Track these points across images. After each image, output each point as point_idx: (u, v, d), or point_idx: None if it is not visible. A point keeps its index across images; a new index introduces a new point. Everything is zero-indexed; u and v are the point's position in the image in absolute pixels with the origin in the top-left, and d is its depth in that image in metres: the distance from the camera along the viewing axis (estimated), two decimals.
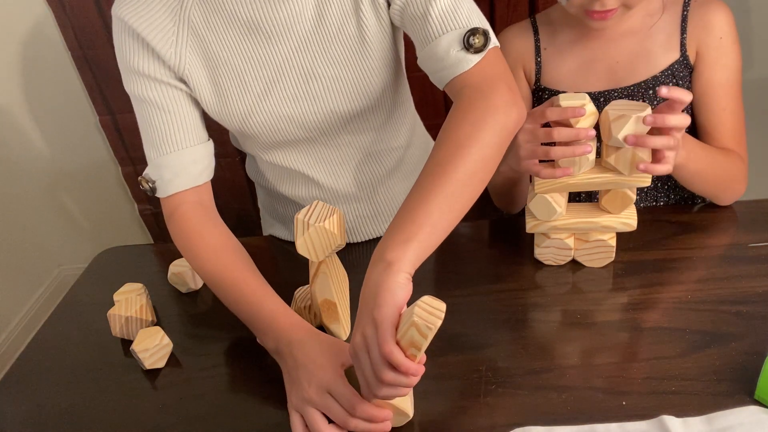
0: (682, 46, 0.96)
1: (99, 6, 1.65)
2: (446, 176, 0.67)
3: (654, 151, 0.78)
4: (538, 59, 1.03)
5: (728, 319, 0.78)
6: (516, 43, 1.04)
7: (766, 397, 0.66)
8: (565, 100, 0.77)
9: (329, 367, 0.69)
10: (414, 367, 0.60)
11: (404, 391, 0.63)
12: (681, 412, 0.66)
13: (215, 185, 0.93)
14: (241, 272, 0.82)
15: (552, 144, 0.80)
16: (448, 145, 0.69)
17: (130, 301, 0.89)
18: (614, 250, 0.88)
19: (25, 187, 2.09)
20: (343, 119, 0.91)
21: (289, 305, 0.86)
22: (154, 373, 0.84)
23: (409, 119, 1.05)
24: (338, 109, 0.89)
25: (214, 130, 1.20)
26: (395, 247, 0.63)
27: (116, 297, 0.93)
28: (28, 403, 0.82)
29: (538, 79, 1.04)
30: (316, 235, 0.72)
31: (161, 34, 0.82)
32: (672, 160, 0.78)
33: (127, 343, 0.89)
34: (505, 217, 1.10)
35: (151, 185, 0.88)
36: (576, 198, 1.05)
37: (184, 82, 0.86)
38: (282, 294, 0.93)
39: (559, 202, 0.85)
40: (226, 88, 0.87)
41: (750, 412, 0.65)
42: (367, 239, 1.07)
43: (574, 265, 0.91)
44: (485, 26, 0.77)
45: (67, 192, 2.13)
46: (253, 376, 0.81)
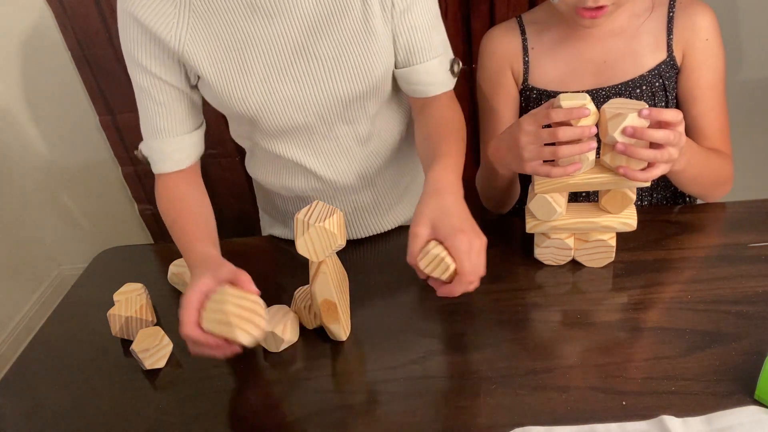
0: (669, 47, 0.97)
1: (99, 6, 1.65)
2: (457, 144, 0.88)
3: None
4: (526, 59, 1.03)
5: (728, 319, 0.78)
6: (503, 43, 1.04)
7: (766, 397, 0.66)
8: (565, 101, 0.77)
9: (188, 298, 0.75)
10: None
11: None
12: (681, 412, 0.66)
13: (215, 185, 0.94)
14: (196, 228, 0.90)
15: (553, 144, 0.80)
16: (451, 132, 0.90)
17: (130, 301, 0.89)
18: (614, 250, 0.88)
19: (25, 187, 2.09)
20: (343, 103, 0.93)
21: (289, 305, 0.86)
22: (154, 373, 0.84)
23: (405, 109, 1.06)
24: (338, 92, 0.91)
25: (214, 131, 1.20)
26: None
27: (116, 297, 0.93)
28: (28, 403, 0.82)
29: (525, 79, 1.04)
30: (316, 235, 0.72)
31: (161, 18, 0.85)
32: (659, 171, 0.78)
33: (127, 343, 0.89)
34: (504, 217, 1.10)
35: (145, 159, 0.98)
36: (576, 198, 1.05)
37: (185, 67, 0.90)
38: (282, 294, 0.93)
39: (559, 202, 0.85)
40: (227, 68, 0.88)
41: (750, 412, 0.65)
42: (367, 235, 1.08)
43: (574, 265, 0.91)
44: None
45: (68, 192, 2.13)
46: (253, 376, 0.81)
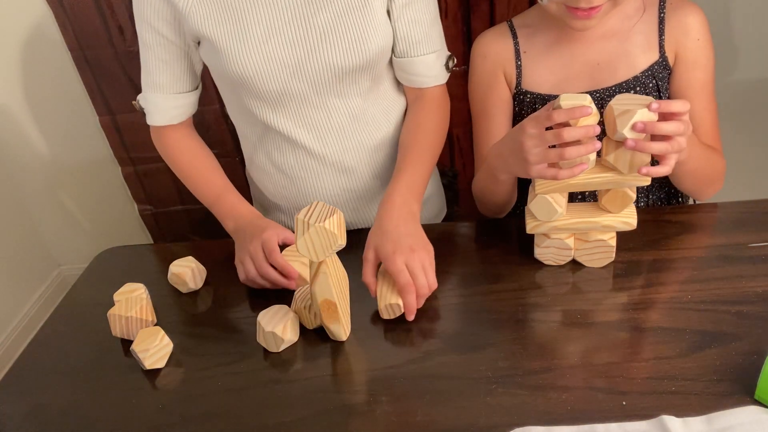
0: (661, 48, 0.97)
1: (99, 6, 1.65)
2: (430, 156, 1.01)
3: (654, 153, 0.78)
4: (518, 63, 1.03)
5: (728, 319, 0.78)
6: (495, 47, 1.04)
7: (766, 397, 0.66)
8: (566, 101, 0.77)
9: (271, 232, 0.93)
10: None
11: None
12: (681, 412, 0.66)
13: None
14: (211, 173, 1.07)
15: (555, 145, 0.80)
16: (429, 133, 1.03)
17: (130, 301, 0.89)
18: (614, 250, 0.88)
19: (25, 187, 2.09)
20: (337, 74, 0.96)
21: (289, 306, 0.86)
22: (154, 373, 0.84)
23: (400, 102, 1.09)
24: (333, 62, 0.95)
25: (214, 131, 1.20)
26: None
27: (116, 297, 0.93)
28: (28, 403, 0.82)
29: (518, 83, 1.03)
30: (316, 235, 0.72)
31: None
32: (673, 162, 0.78)
33: (127, 343, 0.89)
34: (504, 218, 1.10)
35: (141, 110, 1.07)
36: (573, 198, 1.05)
37: (188, 28, 0.95)
38: (282, 294, 0.93)
39: (559, 202, 0.85)
40: (228, 30, 0.93)
41: (750, 412, 0.65)
42: (357, 220, 1.11)
43: (574, 265, 0.91)
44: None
45: (68, 192, 2.13)
46: (253, 376, 0.81)
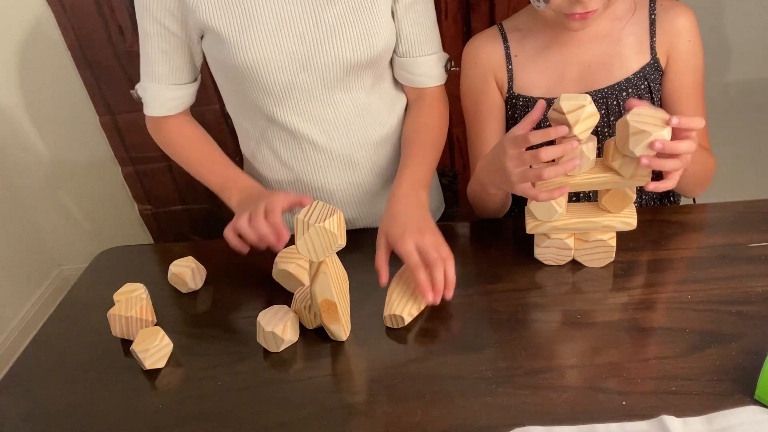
0: (652, 50, 0.97)
1: (99, 6, 1.65)
2: (434, 150, 1.04)
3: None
4: (510, 67, 1.02)
5: (728, 319, 0.78)
6: (485, 52, 1.04)
7: (766, 397, 0.66)
8: (566, 101, 0.77)
9: (279, 195, 0.91)
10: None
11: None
12: (681, 412, 0.66)
13: None
14: (214, 156, 1.07)
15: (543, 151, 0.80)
16: (432, 129, 1.06)
17: (130, 301, 0.89)
18: (614, 250, 0.88)
19: (25, 187, 2.09)
20: (344, 68, 0.98)
21: (289, 305, 0.86)
22: (154, 373, 0.84)
23: (401, 99, 1.11)
24: (341, 56, 0.97)
25: (214, 131, 1.21)
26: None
27: (116, 297, 0.93)
28: (28, 403, 0.82)
29: (510, 87, 1.03)
30: (316, 235, 0.72)
31: None
32: (677, 177, 0.78)
33: (127, 343, 0.88)
34: (504, 218, 1.10)
35: (139, 99, 1.07)
36: (576, 198, 1.05)
37: (192, 20, 0.95)
38: (282, 294, 0.93)
39: (559, 202, 0.85)
40: (237, 21, 0.94)
41: (750, 412, 0.65)
42: (361, 216, 1.11)
43: (574, 265, 0.91)
44: None
45: (68, 192, 2.13)
46: (253, 376, 0.81)
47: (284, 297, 0.92)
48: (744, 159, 1.84)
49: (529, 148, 0.79)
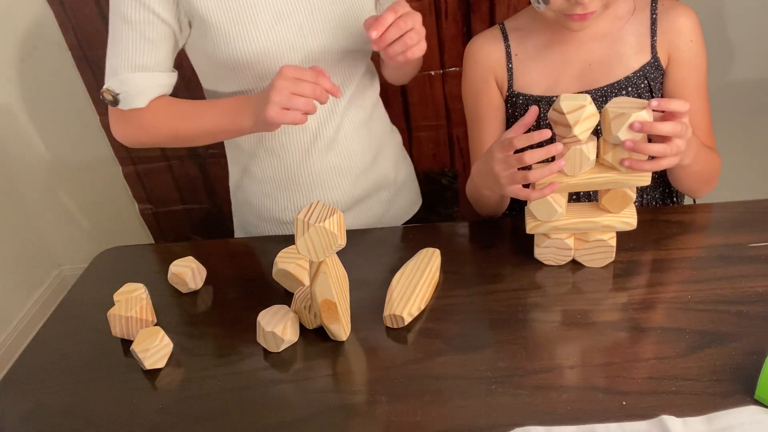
0: (653, 49, 0.97)
1: (99, 6, 1.65)
2: None
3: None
4: (510, 66, 1.03)
5: (728, 319, 0.78)
6: (485, 52, 1.05)
7: (766, 397, 0.66)
8: (566, 101, 0.77)
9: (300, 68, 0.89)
10: None
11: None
12: (681, 412, 0.66)
13: (215, 185, 0.94)
14: (192, 107, 1.00)
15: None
16: None
17: (130, 301, 0.89)
18: (614, 250, 0.88)
19: (26, 187, 2.09)
20: (336, 57, 1.02)
21: (289, 305, 0.86)
22: (154, 373, 0.84)
23: (377, 86, 1.15)
24: (334, 46, 1.00)
25: None
26: None
27: (116, 297, 0.93)
28: (28, 403, 0.82)
29: (510, 86, 1.04)
30: (316, 235, 0.72)
31: None
32: (665, 164, 0.79)
33: (127, 343, 0.89)
34: (504, 217, 1.10)
35: (113, 96, 0.99)
36: (576, 197, 1.05)
37: (182, 9, 0.94)
38: (282, 294, 0.93)
39: (559, 202, 0.85)
40: (235, 12, 0.94)
41: (750, 412, 0.65)
42: (341, 198, 1.12)
43: (574, 265, 0.91)
44: None
45: (68, 192, 2.13)
46: (253, 376, 0.81)
47: (284, 297, 0.92)
48: (744, 159, 1.83)
49: (518, 151, 0.80)
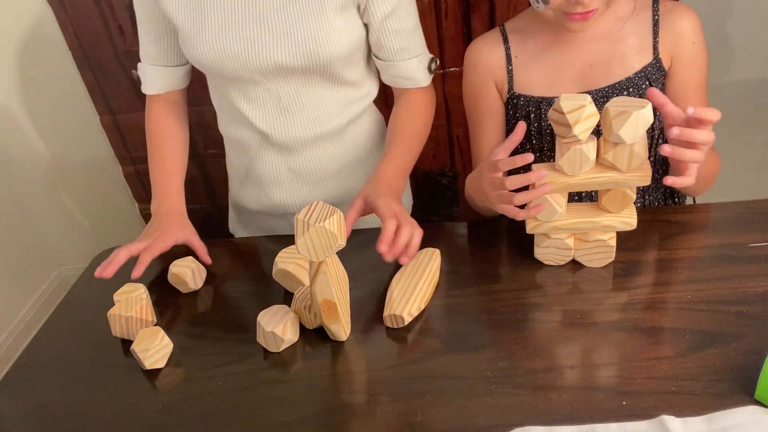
0: (655, 50, 0.97)
1: (99, 6, 1.65)
2: (417, 144, 1.08)
3: (677, 162, 0.79)
4: (510, 68, 1.03)
5: (728, 319, 0.78)
6: (485, 55, 1.05)
7: (766, 397, 0.66)
8: (565, 101, 0.77)
9: (171, 237, 0.99)
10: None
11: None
12: (681, 412, 0.66)
13: (216, 185, 0.94)
14: (167, 153, 1.10)
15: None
16: (417, 123, 1.09)
17: (130, 301, 0.89)
18: (614, 250, 0.88)
19: (26, 187, 2.09)
20: (285, 71, 0.99)
21: (289, 305, 0.86)
22: (154, 373, 0.84)
23: (361, 102, 1.11)
24: (283, 62, 0.98)
25: (214, 130, 1.20)
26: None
27: (116, 297, 0.93)
28: (28, 403, 0.82)
29: (511, 87, 1.04)
30: (316, 235, 0.72)
31: None
32: (695, 172, 0.79)
33: (127, 343, 0.89)
34: (503, 217, 1.10)
35: (137, 78, 1.11)
36: (576, 197, 1.05)
37: (159, 4, 0.98)
38: (282, 294, 0.93)
39: (559, 202, 0.85)
40: (190, 20, 0.97)
41: (750, 412, 0.65)
42: (299, 202, 1.13)
43: (574, 265, 0.91)
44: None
45: (68, 192, 2.13)
46: (253, 376, 0.81)
47: (284, 297, 0.92)
48: (744, 159, 1.84)
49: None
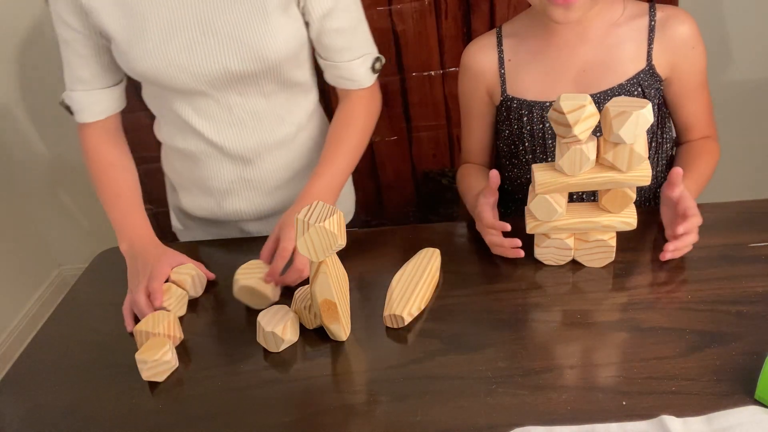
0: (649, 56, 0.97)
1: None
2: (354, 153, 1.04)
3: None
4: (502, 71, 1.03)
5: (728, 319, 0.78)
6: (477, 59, 1.05)
7: (766, 397, 0.66)
8: (565, 101, 0.77)
9: (164, 262, 0.94)
10: None
11: None
12: (681, 412, 0.66)
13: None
14: (121, 188, 1.07)
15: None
16: (356, 131, 1.05)
17: (156, 318, 0.86)
18: (614, 250, 0.88)
19: (26, 186, 2.09)
20: (235, 78, 0.97)
21: (289, 305, 0.86)
22: None
23: (309, 105, 1.10)
24: (230, 67, 0.95)
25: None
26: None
27: (174, 275, 0.94)
28: (28, 403, 0.82)
29: (504, 90, 1.04)
30: (316, 235, 0.72)
31: None
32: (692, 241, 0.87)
33: (127, 343, 0.88)
34: (503, 218, 1.10)
35: (67, 108, 1.07)
36: (575, 197, 1.05)
37: (92, 19, 0.94)
38: (282, 294, 0.93)
39: (559, 202, 0.85)
40: (128, 30, 0.93)
41: (750, 412, 0.65)
42: (251, 209, 1.13)
43: (574, 265, 0.91)
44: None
45: (68, 192, 2.13)
46: (254, 376, 0.81)
47: (284, 297, 0.92)
48: (744, 159, 1.84)
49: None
